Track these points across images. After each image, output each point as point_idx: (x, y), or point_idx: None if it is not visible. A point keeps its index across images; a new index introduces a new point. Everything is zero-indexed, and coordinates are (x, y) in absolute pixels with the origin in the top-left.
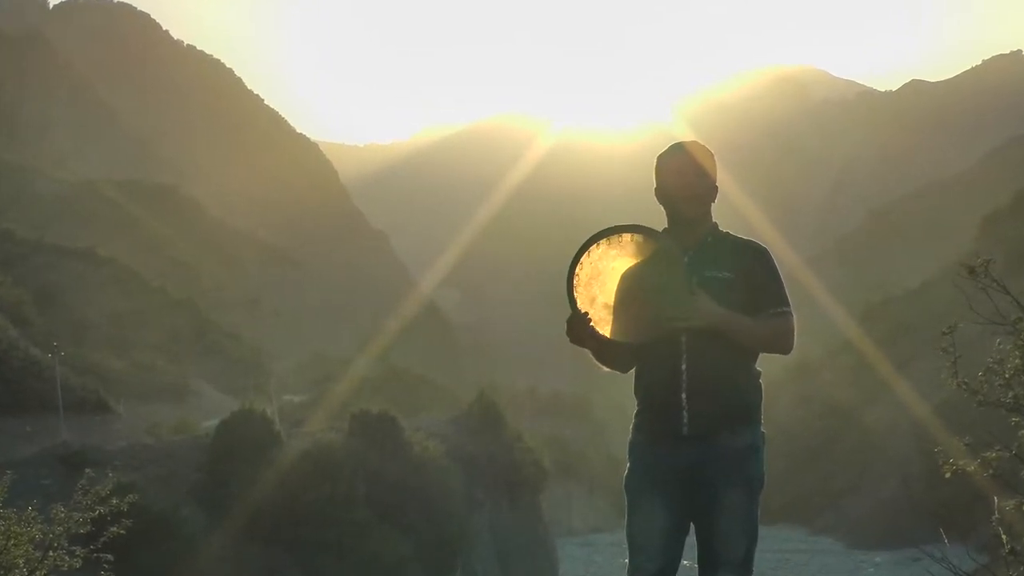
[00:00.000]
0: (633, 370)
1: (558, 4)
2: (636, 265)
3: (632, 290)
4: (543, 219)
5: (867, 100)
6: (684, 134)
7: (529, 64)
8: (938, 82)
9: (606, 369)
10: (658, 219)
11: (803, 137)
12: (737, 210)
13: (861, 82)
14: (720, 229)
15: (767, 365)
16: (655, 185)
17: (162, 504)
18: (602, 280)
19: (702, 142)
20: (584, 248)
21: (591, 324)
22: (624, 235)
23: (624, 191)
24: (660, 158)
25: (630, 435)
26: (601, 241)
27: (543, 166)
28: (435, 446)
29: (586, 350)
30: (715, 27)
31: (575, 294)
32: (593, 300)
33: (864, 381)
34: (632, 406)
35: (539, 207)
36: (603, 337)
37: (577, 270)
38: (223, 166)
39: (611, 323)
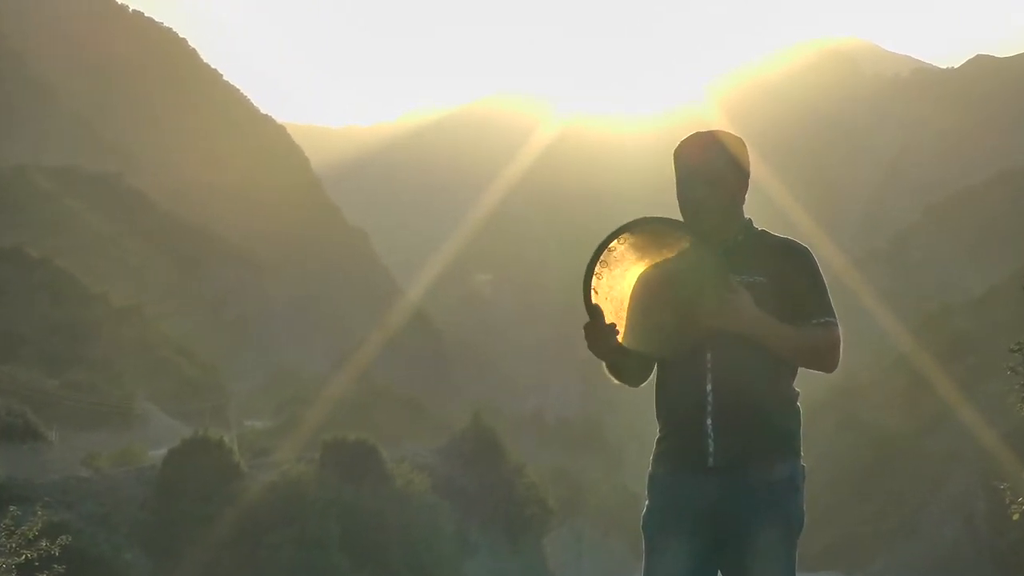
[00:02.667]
0: (653, 390)
1: None
2: (662, 263)
3: (656, 291)
4: (549, 216)
5: (925, 78)
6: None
7: (532, 37)
8: (1007, 58)
9: (616, 381)
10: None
11: (851, 120)
12: (773, 203)
13: (918, 57)
14: (755, 226)
15: (806, 385)
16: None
17: (100, 547)
18: (625, 281)
19: (731, 129)
20: (604, 245)
21: (615, 335)
22: (650, 229)
23: (644, 186)
24: (674, 153)
25: (650, 467)
26: (623, 236)
27: (549, 155)
28: (422, 479)
29: (597, 360)
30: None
31: (596, 299)
32: (617, 305)
33: (920, 404)
34: (653, 431)
35: (544, 202)
36: (626, 350)
37: (597, 271)
38: (175, 152)
39: (629, 330)
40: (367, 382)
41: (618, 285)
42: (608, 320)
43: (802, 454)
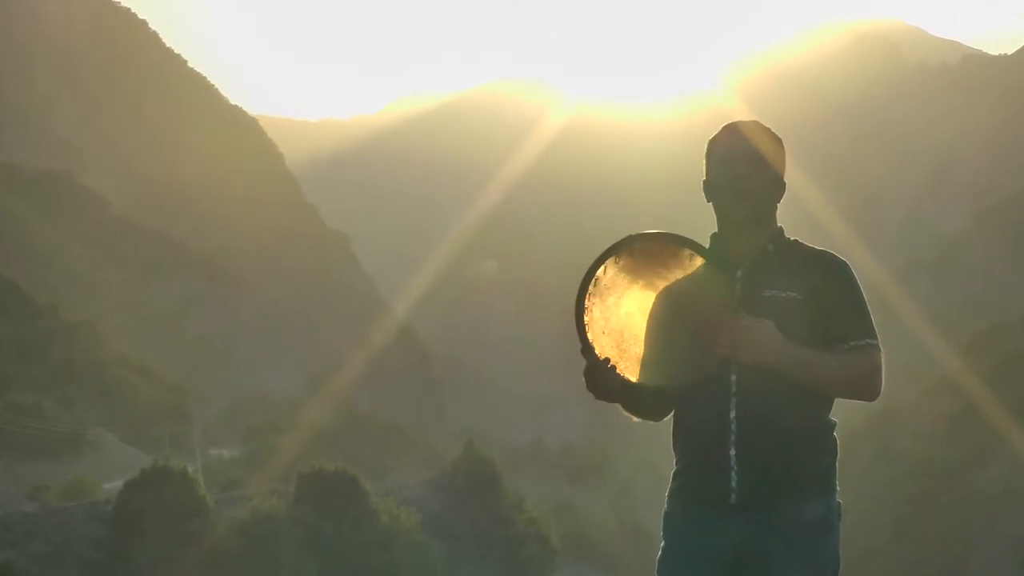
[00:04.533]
0: (671, 416)
1: None
2: (672, 285)
3: (666, 318)
4: (554, 213)
5: (975, 66)
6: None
7: (532, 21)
8: None
9: (637, 419)
10: (706, 218)
11: (891, 114)
12: (805, 208)
13: (967, 43)
14: (786, 236)
15: (838, 410)
16: (704, 177)
17: None
18: (622, 310)
19: (762, 121)
20: (590, 274)
21: (619, 372)
22: (641, 248)
23: (658, 182)
24: (709, 142)
25: (665, 504)
26: (610, 261)
27: (555, 147)
28: (409, 515)
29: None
30: None
31: (591, 336)
32: (617, 337)
33: (968, 432)
34: (667, 462)
35: (549, 199)
36: (634, 385)
37: (588, 298)
38: (132, 147)
39: (638, 362)
40: (347, 407)
41: (614, 315)
42: (609, 355)
43: (838, 489)
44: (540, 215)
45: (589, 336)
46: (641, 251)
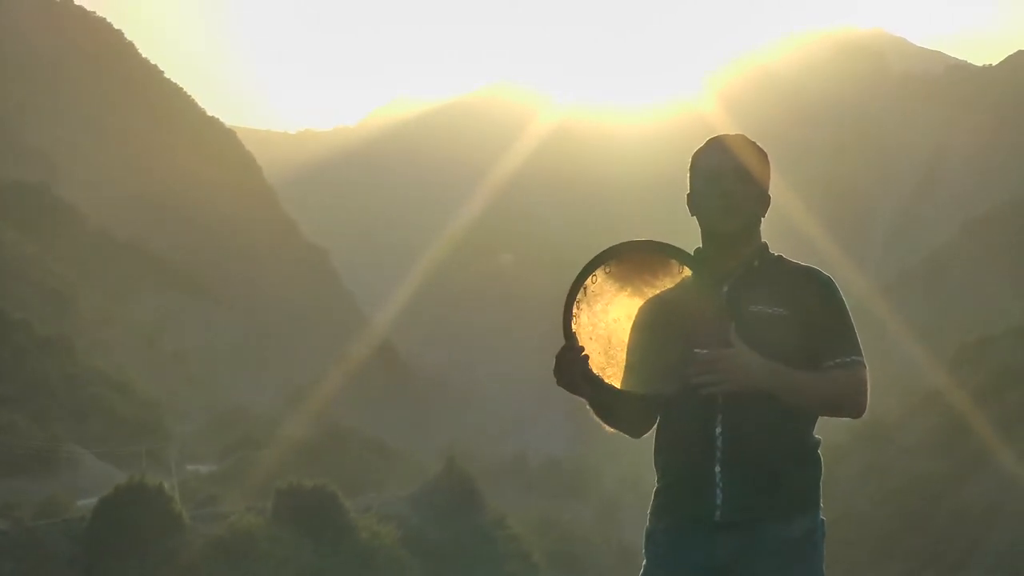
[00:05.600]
0: (652, 432)
1: None
2: (661, 295)
3: (654, 326)
4: (536, 228)
5: (959, 77)
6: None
7: (516, 23)
8: None
9: (610, 429)
10: (689, 225)
11: (876, 124)
12: (789, 221)
13: (951, 53)
14: (770, 251)
15: (825, 425)
16: (688, 190)
17: None
18: (610, 316)
19: (746, 130)
20: (591, 267)
21: (588, 363)
22: (629, 255)
23: (647, 189)
24: (694, 156)
25: (648, 521)
26: (607, 264)
27: (536, 158)
28: (390, 532)
29: (583, 400)
30: None
31: (574, 324)
32: (604, 343)
33: (957, 448)
34: (652, 477)
35: (531, 212)
36: (604, 383)
37: (579, 295)
38: (109, 159)
39: (611, 359)
40: (326, 422)
41: (601, 321)
42: (596, 360)
43: (822, 506)
44: (524, 226)
45: (575, 323)
46: (630, 258)
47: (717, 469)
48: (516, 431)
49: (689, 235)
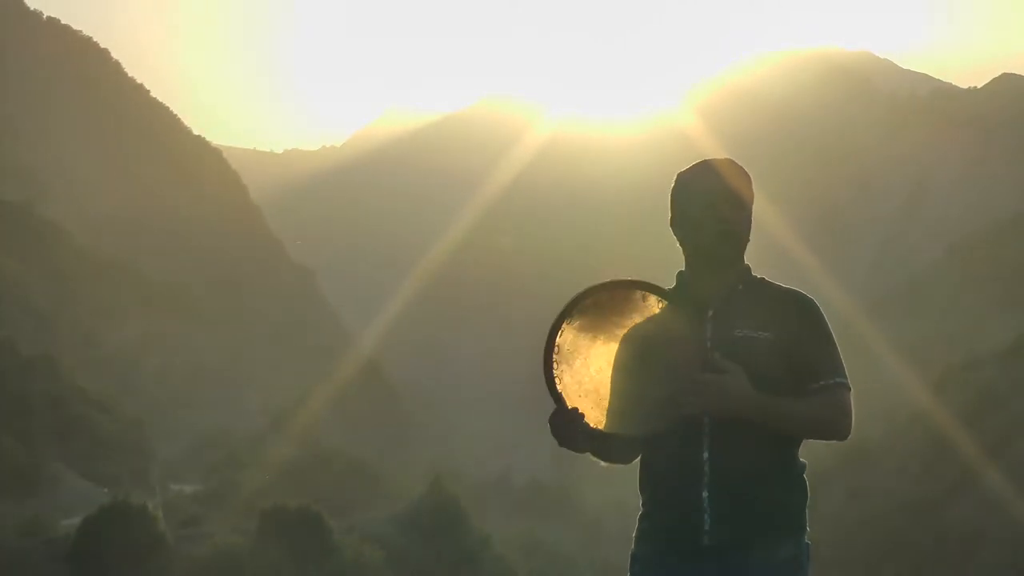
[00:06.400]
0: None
1: None
2: (632, 331)
3: (629, 365)
4: (522, 247)
5: (944, 99)
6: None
7: (498, 41)
8: None
9: (605, 464)
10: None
11: (861, 145)
12: (774, 241)
13: (937, 75)
14: (753, 274)
15: (809, 447)
16: (671, 215)
17: None
18: (592, 368)
19: (728, 147)
20: (552, 336)
21: (585, 421)
22: (589, 303)
23: (631, 209)
24: (682, 181)
25: (632, 544)
26: (562, 329)
27: (523, 177)
28: (375, 553)
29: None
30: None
31: (558, 382)
32: (594, 396)
33: (941, 469)
34: (637, 501)
35: (518, 231)
36: (602, 434)
37: (556, 367)
38: (94, 177)
39: (605, 410)
40: (311, 443)
41: (585, 376)
42: (590, 416)
43: (808, 530)
44: (511, 246)
45: (558, 381)
46: (592, 306)
47: (705, 494)
48: (501, 451)
49: (676, 247)
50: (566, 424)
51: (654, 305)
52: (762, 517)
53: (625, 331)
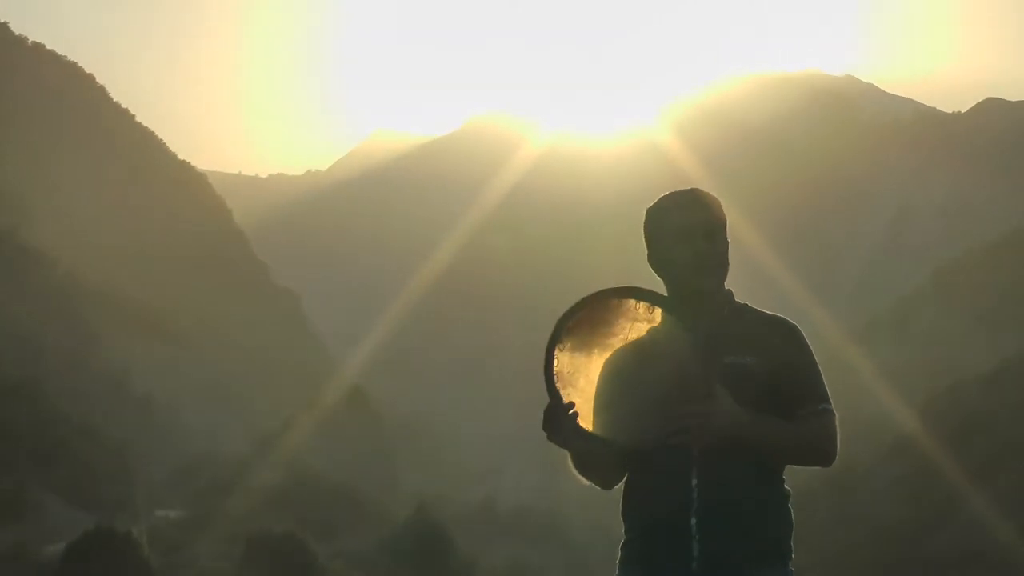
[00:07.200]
0: (622, 483)
1: None
2: (637, 341)
3: (621, 376)
4: (507, 273)
5: (929, 123)
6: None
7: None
8: (1020, 101)
9: (585, 482)
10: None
11: (845, 170)
12: (758, 267)
13: (920, 100)
14: (736, 300)
15: (794, 473)
16: (648, 252)
17: None
18: (592, 358)
19: (703, 174)
20: (567, 318)
21: (578, 420)
22: (623, 301)
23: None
24: (652, 218)
25: (617, 570)
26: (560, 344)
27: (510, 202)
28: None
29: (566, 452)
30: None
31: (556, 379)
32: (578, 385)
33: (926, 494)
34: (620, 528)
35: (502, 258)
36: (592, 436)
37: (559, 344)
38: (78, 202)
39: (598, 416)
40: (296, 468)
41: (583, 363)
42: (568, 399)
43: (792, 556)
44: (495, 271)
45: (557, 379)
46: (577, 325)
47: (693, 521)
48: (486, 477)
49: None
50: (562, 421)
51: (634, 307)
52: (750, 544)
53: (616, 339)
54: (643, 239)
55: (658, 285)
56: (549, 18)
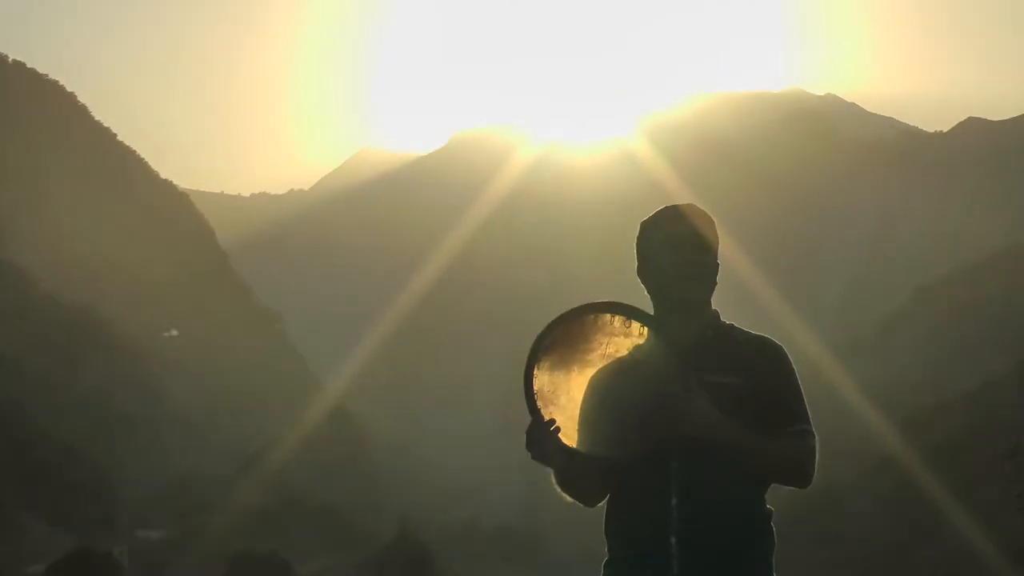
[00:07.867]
0: (604, 503)
1: None
2: (618, 357)
3: (610, 387)
4: (491, 291)
5: (911, 142)
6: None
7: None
8: (1002, 121)
9: (568, 499)
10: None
11: (827, 189)
12: (740, 285)
13: (902, 119)
14: (722, 320)
15: (776, 491)
16: (637, 263)
17: None
18: (576, 398)
19: (693, 191)
20: (543, 337)
21: (560, 436)
22: (599, 316)
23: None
24: (645, 228)
25: None
26: (538, 363)
27: (493, 220)
28: None
29: (550, 469)
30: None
31: (536, 398)
32: (559, 403)
33: (908, 513)
34: (602, 547)
35: (484, 278)
36: (574, 452)
37: (537, 364)
38: (60, 221)
39: (581, 432)
40: (279, 488)
41: (575, 410)
42: (548, 415)
43: (775, 575)
44: (479, 290)
45: (537, 396)
46: (554, 343)
47: (673, 540)
48: (470, 497)
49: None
50: (543, 438)
51: (610, 321)
52: (730, 563)
53: (595, 355)
54: (627, 255)
55: (643, 299)
56: (533, 35)
